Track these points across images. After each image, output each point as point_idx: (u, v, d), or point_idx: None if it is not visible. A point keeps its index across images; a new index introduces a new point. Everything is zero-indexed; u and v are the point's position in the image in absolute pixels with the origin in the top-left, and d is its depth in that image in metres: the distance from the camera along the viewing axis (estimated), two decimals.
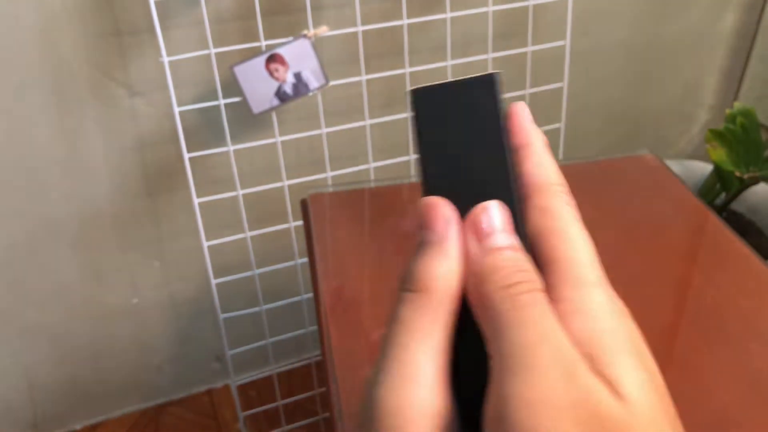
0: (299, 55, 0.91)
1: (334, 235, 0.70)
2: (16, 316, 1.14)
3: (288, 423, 1.31)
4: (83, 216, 1.09)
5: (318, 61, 0.92)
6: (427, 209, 0.22)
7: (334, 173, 1.06)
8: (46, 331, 1.18)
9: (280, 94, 0.92)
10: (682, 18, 1.36)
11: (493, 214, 0.22)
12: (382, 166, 1.09)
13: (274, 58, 0.90)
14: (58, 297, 1.15)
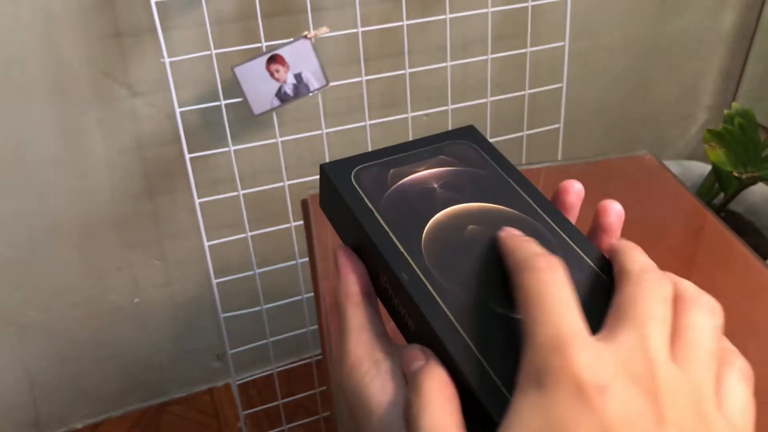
0: (300, 56, 0.91)
1: (334, 235, 0.71)
2: (18, 315, 1.14)
3: (288, 422, 1.32)
4: (85, 216, 1.09)
5: (318, 62, 0.92)
6: (408, 353, 0.28)
7: None
8: (47, 330, 1.18)
9: (281, 95, 0.93)
10: (681, 19, 1.37)
11: None
12: None
13: (274, 59, 0.91)
14: (60, 296, 1.15)
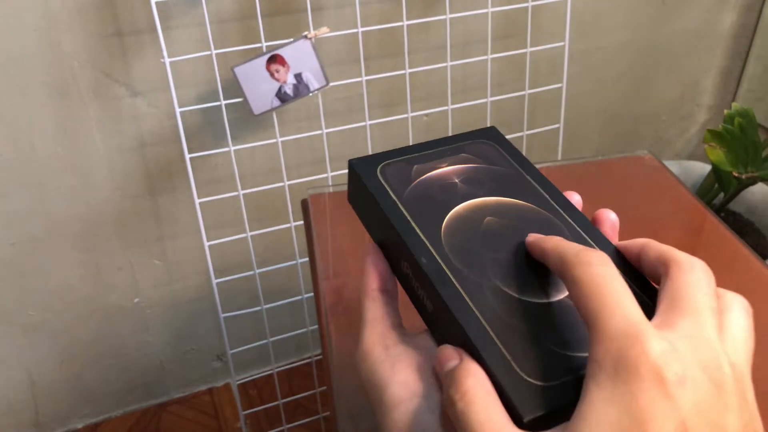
0: (300, 56, 0.92)
1: (334, 235, 0.71)
2: (19, 314, 1.14)
3: (288, 422, 1.32)
4: (85, 216, 1.09)
5: (318, 62, 0.93)
6: (441, 351, 0.29)
7: (335, 173, 1.07)
8: (48, 330, 1.18)
9: (281, 95, 0.93)
10: (681, 19, 1.37)
11: None
12: None
13: (274, 59, 0.91)
14: (60, 296, 1.16)
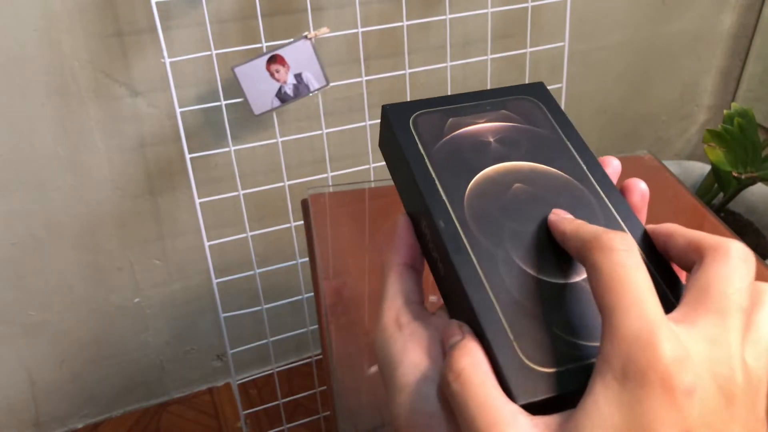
0: (300, 57, 0.92)
1: (334, 235, 0.71)
2: (19, 314, 1.15)
3: (288, 421, 1.32)
4: (85, 215, 1.09)
5: (319, 63, 0.93)
6: (447, 326, 0.28)
7: (335, 173, 1.07)
8: (48, 330, 1.18)
9: (281, 95, 0.93)
10: (681, 19, 1.37)
11: None
12: (382, 166, 1.09)
13: (274, 59, 0.91)
14: (60, 296, 1.16)
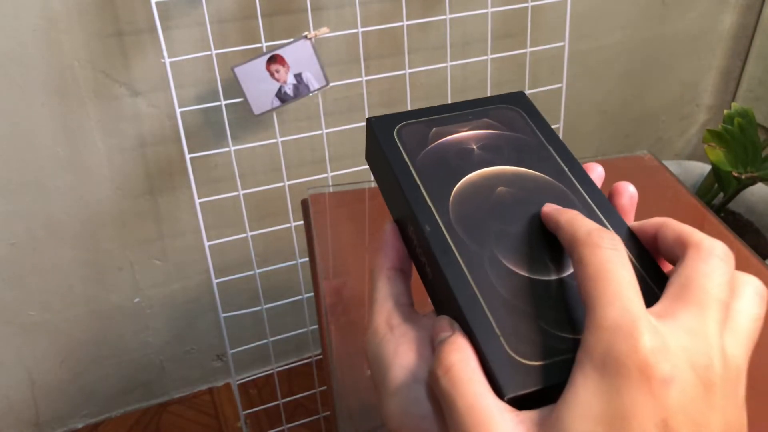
0: (300, 56, 0.92)
1: (334, 235, 0.71)
2: (19, 314, 1.15)
3: (288, 421, 1.32)
4: (85, 215, 1.09)
5: (319, 63, 0.93)
6: (437, 322, 0.28)
7: (335, 173, 1.07)
8: (47, 330, 1.18)
9: (281, 95, 0.93)
10: (681, 19, 1.37)
11: None
12: None
13: (274, 59, 0.91)
14: (60, 296, 1.16)
